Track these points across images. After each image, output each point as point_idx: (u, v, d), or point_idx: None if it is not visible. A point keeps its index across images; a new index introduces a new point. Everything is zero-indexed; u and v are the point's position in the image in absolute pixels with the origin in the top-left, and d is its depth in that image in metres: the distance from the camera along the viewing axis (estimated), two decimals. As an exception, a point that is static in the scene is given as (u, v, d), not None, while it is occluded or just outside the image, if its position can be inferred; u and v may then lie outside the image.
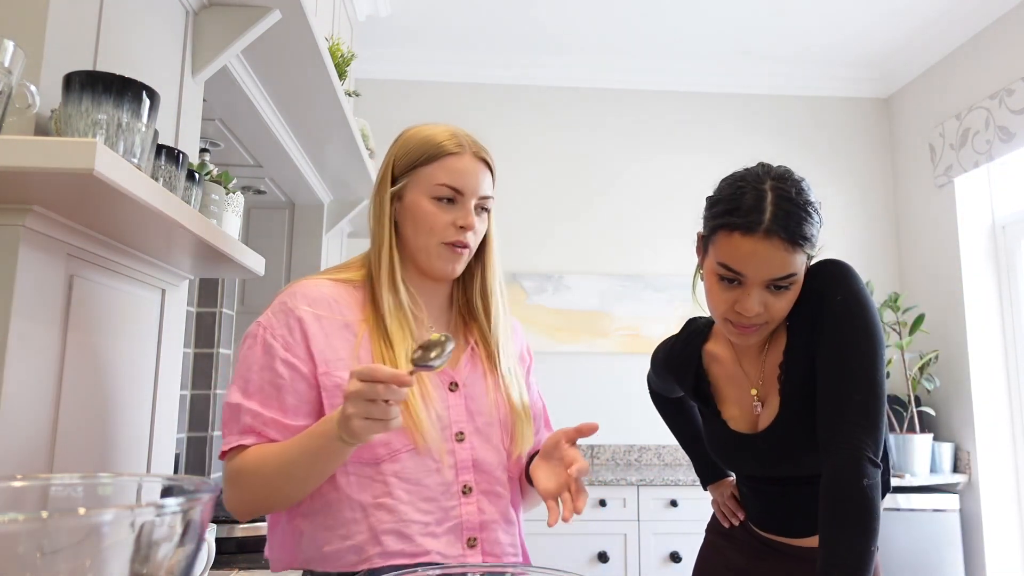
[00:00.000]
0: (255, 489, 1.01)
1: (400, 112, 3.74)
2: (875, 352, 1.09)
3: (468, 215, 1.09)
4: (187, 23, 1.38)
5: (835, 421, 1.07)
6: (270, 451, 1.00)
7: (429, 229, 1.08)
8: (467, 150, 1.10)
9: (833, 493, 1.04)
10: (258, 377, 1.04)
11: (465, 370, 1.13)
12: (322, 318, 1.06)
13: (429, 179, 1.08)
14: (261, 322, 1.07)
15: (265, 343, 1.05)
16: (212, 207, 1.34)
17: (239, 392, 1.04)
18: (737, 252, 1.08)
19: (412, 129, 1.16)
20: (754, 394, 1.23)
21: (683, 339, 1.34)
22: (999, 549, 3.06)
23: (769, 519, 1.26)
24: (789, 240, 1.05)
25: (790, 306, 1.12)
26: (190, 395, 2.22)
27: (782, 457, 1.18)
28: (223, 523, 1.56)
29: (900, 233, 3.77)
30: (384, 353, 1.05)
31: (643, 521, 2.92)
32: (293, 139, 2.16)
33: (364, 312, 1.09)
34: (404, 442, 1.03)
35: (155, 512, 0.40)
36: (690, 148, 3.79)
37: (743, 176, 1.12)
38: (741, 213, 1.07)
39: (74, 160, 0.75)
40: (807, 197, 1.09)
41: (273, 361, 1.03)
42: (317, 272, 1.18)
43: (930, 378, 3.23)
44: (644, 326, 3.59)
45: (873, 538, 1.00)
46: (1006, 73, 3.05)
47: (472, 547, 1.05)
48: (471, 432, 1.09)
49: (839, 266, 1.15)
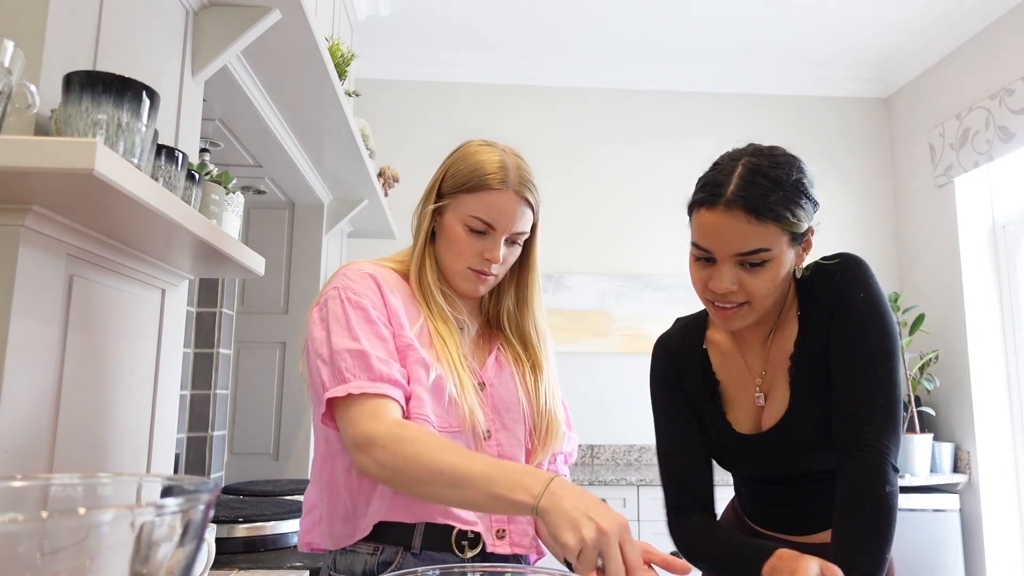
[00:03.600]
0: (409, 465, 0.93)
1: (400, 112, 3.74)
2: (898, 356, 1.08)
3: (495, 249, 1.11)
4: (187, 23, 1.38)
5: (859, 423, 1.05)
6: (442, 445, 0.94)
7: (458, 253, 1.12)
8: (510, 188, 1.10)
9: (854, 496, 1.02)
10: (363, 329, 1.03)
11: (491, 371, 1.17)
12: (392, 290, 1.11)
13: (466, 208, 1.11)
14: (339, 285, 1.08)
15: (351, 300, 1.05)
16: (212, 207, 1.34)
17: (351, 340, 1.01)
18: (703, 227, 1.07)
19: (468, 148, 1.16)
20: (757, 384, 1.19)
21: (683, 327, 1.29)
22: (999, 549, 3.06)
23: (766, 516, 1.24)
24: (752, 212, 1.02)
25: (772, 285, 1.07)
26: (190, 395, 2.22)
27: (788, 455, 1.15)
28: (223, 523, 1.56)
29: (900, 233, 3.77)
30: (439, 348, 1.09)
31: (643, 521, 2.92)
32: (293, 139, 2.16)
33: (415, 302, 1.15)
34: (454, 423, 1.07)
35: (155, 512, 0.40)
36: (690, 148, 3.79)
37: (723, 155, 1.11)
38: (708, 188, 1.06)
39: (74, 160, 0.75)
40: (784, 172, 1.04)
41: (368, 315, 1.05)
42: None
43: (930, 378, 3.23)
44: (644, 326, 3.59)
45: (890, 544, 0.99)
46: (1006, 73, 3.05)
47: (501, 539, 1.09)
48: (497, 429, 1.13)
49: (860, 262, 1.13)
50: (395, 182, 3.05)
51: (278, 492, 2.05)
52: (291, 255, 2.70)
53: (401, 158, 3.56)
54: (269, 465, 2.60)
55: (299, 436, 2.63)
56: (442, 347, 1.09)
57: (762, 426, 1.18)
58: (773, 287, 1.07)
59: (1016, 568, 3.06)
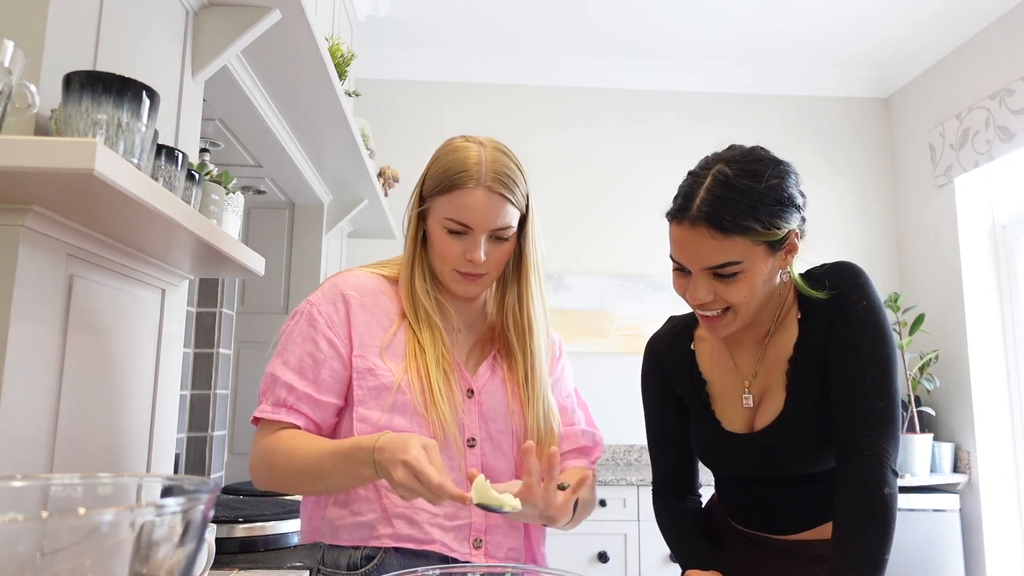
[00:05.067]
0: (281, 475, 1.06)
1: (400, 112, 3.74)
2: (896, 363, 1.09)
3: (476, 249, 1.09)
4: (187, 23, 1.38)
5: (858, 427, 1.05)
6: (303, 448, 1.04)
7: (442, 256, 1.12)
8: (481, 184, 1.07)
9: (853, 499, 1.03)
10: (299, 349, 1.10)
11: (483, 378, 1.16)
12: (366, 305, 1.13)
13: (442, 210, 1.10)
14: (311, 299, 1.14)
15: (311, 317, 1.11)
16: (212, 207, 1.34)
17: (280, 363, 1.10)
18: (674, 241, 1.08)
19: (445, 147, 1.15)
20: (746, 386, 1.18)
21: (672, 327, 1.30)
22: (999, 549, 3.06)
23: (747, 515, 1.24)
24: (717, 228, 1.00)
25: (749, 294, 1.05)
26: (190, 395, 2.22)
27: (778, 457, 1.14)
28: (223, 523, 1.56)
29: (900, 233, 3.77)
30: (417, 355, 1.10)
31: (643, 521, 2.92)
32: (293, 139, 2.16)
33: (401, 309, 1.15)
34: (427, 435, 1.06)
35: (155, 512, 0.40)
36: (690, 148, 3.76)
37: (701, 160, 1.11)
38: (676, 201, 1.08)
39: (74, 160, 0.75)
40: (753, 180, 1.02)
41: (316, 335, 1.10)
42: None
43: (930, 378, 3.23)
44: (644, 326, 3.59)
45: (889, 547, 0.99)
46: (1006, 73, 3.05)
47: (477, 548, 1.09)
48: (483, 439, 1.12)
49: (859, 271, 1.13)
50: (395, 182, 3.05)
51: (278, 492, 2.05)
52: (291, 255, 2.70)
53: (401, 158, 3.56)
54: (269, 465, 2.60)
55: (299, 436, 2.62)
56: (415, 357, 1.10)
57: (755, 426, 1.18)
58: (751, 295, 1.06)
59: (1016, 568, 3.06)
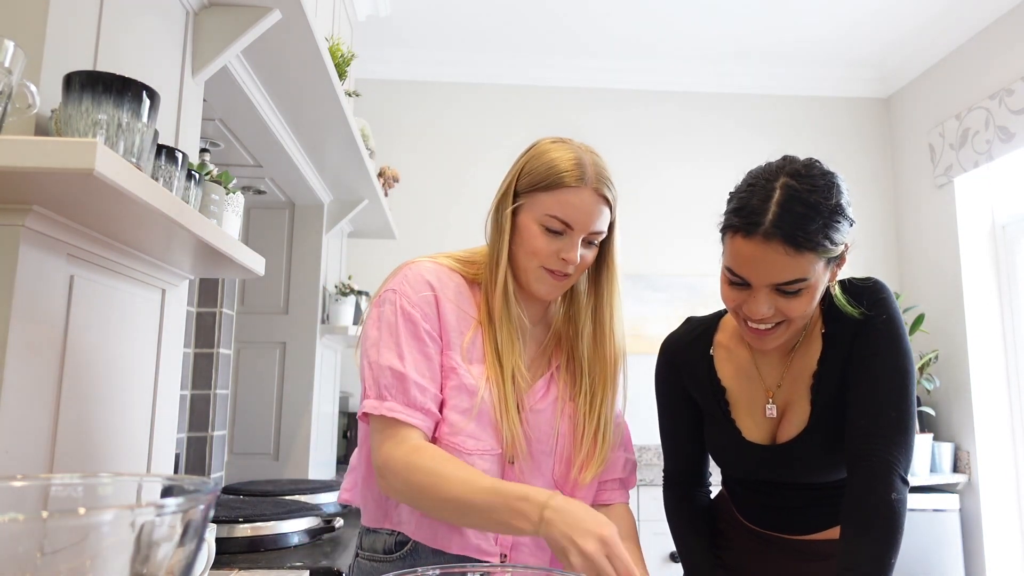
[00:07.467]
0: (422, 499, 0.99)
1: (400, 112, 3.74)
2: (913, 376, 1.09)
3: (572, 249, 1.08)
4: (187, 23, 1.38)
5: (869, 434, 1.05)
6: (454, 477, 0.97)
7: (533, 252, 1.09)
8: (587, 185, 1.07)
9: (860, 503, 1.03)
10: (409, 346, 1.04)
11: (537, 394, 1.13)
12: (451, 300, 1.10)
13: (543, 207, 1.08)
14: (395, 289, 1.08)
15: (404, 311, 1.06)
16: (212, 207, 1.34)
17: (394, 356, 1.04)
18: (739, 256, 1.03)
19: (542, 145, 1.13)
20: (770, 396, 1.18)
21: (690, 330, 1.28)
22: (999, 549, 3.06)
23: (761, 516, 1.24)
24: (791, 244, 0.98)
25: (809, 307, 1.05)
26: (190, 395, 2.22)
27: (801, 469, 1.15)
28: (223, 523, 1.56)
29: (900, 233, 3.77)
30: (492, 364, 1.07)
31: (643, 521, 2.92)
32: (293, 139, 2.16)
33: (480, 313, 1.12)
34: (494, 445, 1.06)
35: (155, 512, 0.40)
36: (690, 148, 3.79)
37: (758, 172, 1.07)
38: (744, 214, 1.02)
39: (74, 160, 0.75)
40: (823, 196, 1.01)
41: (418, 330, 1.05)
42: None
43: (930, 378, 3.23)
44: (644, 326, 3.59)
45: (895, 551, 1.00)
46: (1006, 73, 3.05)
47: (503, 561, 1.09)
48: (522, 457, 1.09)
49: (882, 287, 1.14)
50: (395, 182, 3.05)
51: (278, 492, 2.05)
52: (291, 255, 2.69)
53: (401, 158, 3.56)
54: (269, 465, 2.60)
55: (299, 436, 2.63)
56: (495, 363, 1.07)
57: (778, 439, 1.17)
58: (809, 310, 1.06)
59: (1016, 568, 3.06)
